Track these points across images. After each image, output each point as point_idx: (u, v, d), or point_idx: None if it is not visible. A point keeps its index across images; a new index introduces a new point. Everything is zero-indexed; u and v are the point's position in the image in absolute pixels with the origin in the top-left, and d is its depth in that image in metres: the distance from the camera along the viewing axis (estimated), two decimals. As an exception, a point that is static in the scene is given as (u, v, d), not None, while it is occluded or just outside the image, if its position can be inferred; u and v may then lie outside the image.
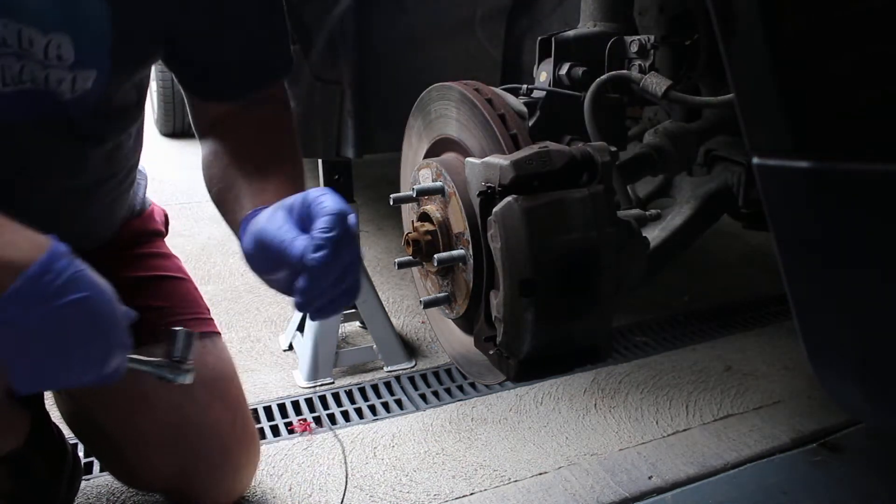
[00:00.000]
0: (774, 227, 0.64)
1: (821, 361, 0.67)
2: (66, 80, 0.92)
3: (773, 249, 0.65)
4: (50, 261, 0.77)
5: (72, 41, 0.89)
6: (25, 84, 0.90)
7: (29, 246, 0.77)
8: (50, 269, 0.76)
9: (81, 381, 0.83)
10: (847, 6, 0.54)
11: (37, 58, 0.88)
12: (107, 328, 0.81)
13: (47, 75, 0.90)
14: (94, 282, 0.80)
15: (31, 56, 0.88)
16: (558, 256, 0.77)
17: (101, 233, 1.18)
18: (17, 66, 0.89)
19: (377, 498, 1.30)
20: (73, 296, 0.77)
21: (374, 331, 1.77)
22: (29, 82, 0.90)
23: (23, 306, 0.75)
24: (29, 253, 0.76)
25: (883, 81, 0.54)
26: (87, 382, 0.83)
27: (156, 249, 1.26)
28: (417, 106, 1.02)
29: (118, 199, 1.18)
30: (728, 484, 1.34)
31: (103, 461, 1.29)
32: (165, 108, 4.53)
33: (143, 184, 1.31)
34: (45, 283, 0.76)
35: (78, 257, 0.80)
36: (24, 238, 0.78)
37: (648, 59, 1.09)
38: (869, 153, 0.55)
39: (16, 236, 0.78)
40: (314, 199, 0.81)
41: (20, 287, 0.74)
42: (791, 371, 1.72)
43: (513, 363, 0.84)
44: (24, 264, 0.75)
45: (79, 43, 0.90)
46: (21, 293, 0.75)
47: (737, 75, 0.61)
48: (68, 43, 0.89)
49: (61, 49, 0.89)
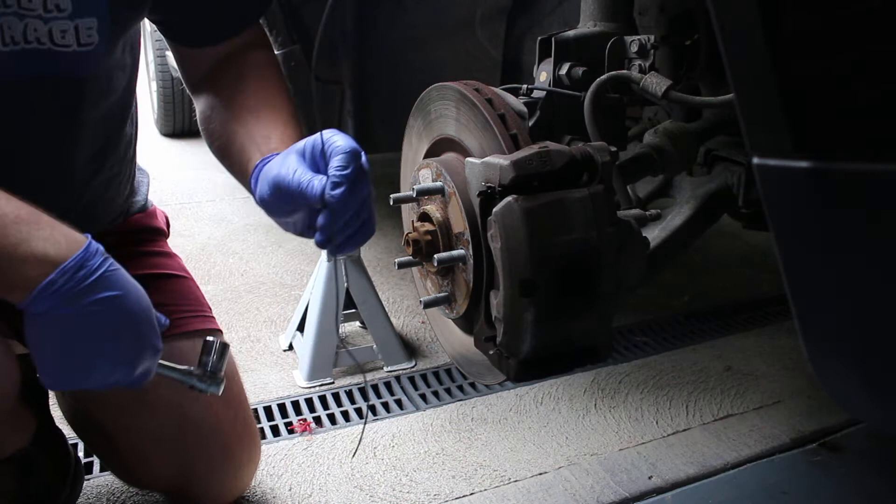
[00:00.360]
0: (774, 227, 0.64)
1: (821, 361, 0.67)
2: (70, 31, 0.93)
3: (773, 249, 0.65)
4: (85, 257, 0.78)
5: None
6: (31, 44, 0.92)
7: (66, 241, 0.79)
8: (84, 265, 0.78)
9: (110, 381, 0.84)
10: (847, 6, 0.54)
11: (37, 12, 0.90)
12: (138, 328, 0.83)
13: (50, 29, 0.92)
14: (128, 281, 0.82)
15: (31, 12, 0.90)
16: (558, 256, 0.77)
17: (99, 215, 1.18)
18: (20, 26, 0.90)
19: (377, 498, 1.30)
20: (107, 293, 0.79)
21: (374, 331, 1.77)
22: (34, 42, 0.92)
23: (56, 299, 0.76)
24: (66, 248, 0.78)
25: (883, 81, 0.54)
26: (115, 383, 0.84)
27: (158, 248, 1.27)
28: (417, 106, 1.01)
29: (116, 178, 1.17)
30: (728, 484, 1.34)
31: (104, 460, 1.29)
32: (165, 108, 4.52)
33: (146, 182, 1.32)
34: (79, 278, 0.77)
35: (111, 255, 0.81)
36: (61, 234, 0.79)
37: (648, 59, 1.09)
38: (869, 153, 0.55)
39: (54, 231, 0.79)
40: (327, 139, 0.86)
41: (54, 279, 0.76)
42: (791, 371, 1.72)
43: (513, 363, 0.84)
44: (60, 259, 0.77)
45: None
46: (55, 286, 0.76)
47: (737, 75, 0.61)
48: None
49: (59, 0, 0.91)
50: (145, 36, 4.39)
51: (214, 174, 3.79)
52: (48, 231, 0.78)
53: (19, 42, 0.91)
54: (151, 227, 1.28)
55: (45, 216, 0.80)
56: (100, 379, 0.83)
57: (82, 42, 0.95)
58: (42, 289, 0.76)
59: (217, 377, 0.97)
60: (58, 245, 0.78)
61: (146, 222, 1.27)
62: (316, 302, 1.72)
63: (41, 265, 0.76)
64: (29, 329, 0.79)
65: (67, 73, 0.97)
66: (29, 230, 0.77)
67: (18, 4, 0.89)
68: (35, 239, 0.77)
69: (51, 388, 0.85)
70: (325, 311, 1.71)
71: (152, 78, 4.51)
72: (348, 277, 1.74)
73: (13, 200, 0.79)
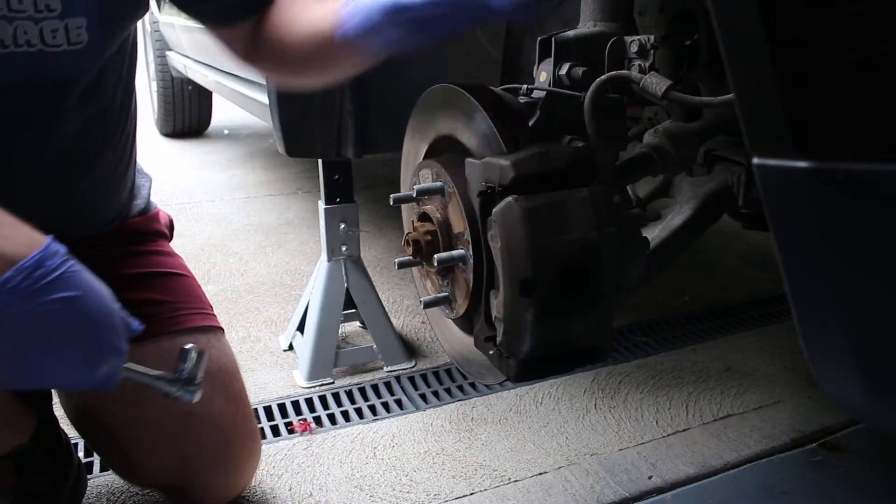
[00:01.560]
0: (774, 227, 0.64)
1: (821, 361, 0.67)
2: (60, 30, 0.94)
3: (773, 249, 0.65)
4: (43, 257, 0.77)
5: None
6: (21, 47, 0.92)
7: (26, 241, 0.78)
8: (42, 265, 0.77)
9: (69, 382, 0.83)
10: (847, 6, 0.54)
11: (28, 13, 0.90)
12: (96, 330, 0.81)
13: (41, 29, 0.92)
14: (87, 282, 0.81)
15: (22, 13, 0.90)
16: (558, 256, 0.77)
17: (96, 216, 1.18)
18: (10, 29, 0.91)
19: (377, 498, 1.30)
20: (63, 294, 0.78)
21: (374, 331, 1.77)
22: (24, 45, 0.92)
23: (11, 298, 0.76)
24: (25, 248, 0.77)
25: (883, 81, 0.54)
26: (77, 385, 0.83)
27: (159, 248, 1.27)
28: (417, 106, 1.02)
29: (112, 179, 1.17)
30: (728, 484, 1.34)
31: (104, 456, 1.29)
32: (165, 108, 4.53)
33: (147, 185, 1.32)
34: (36, 277, 0.76)
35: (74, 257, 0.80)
36: (21, 234, 0.79)
37: (648, 59, 1.09)
38: (869, 153, 0.55)
39: (14, 231, 0.78)
40: None
41: (10, 278, 0.75)
42: (791, 371, 1.72)
43: (513, 363, 0.84)
44: (17, 258, 0.76)
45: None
46: (10, 284, 0.75)
47: (737, 75, 0.61)
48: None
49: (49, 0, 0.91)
50: (145, 36, 4.39)
51: (214, 174, 3.79)
52: (8, 230, 0.78)
53: (9, 45, 0.91)
54: (152, 230, 1.28)
55: (7, 217, 0.79)
56: (56, 380, 0.82)
57: (72, 41, 0.95)
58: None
59: (192, 384, 0.96)
60: (17, 244, 0.77)
61: (146, 226, 1.27)
62: (316, 302, 1.72)
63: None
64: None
65: (58, 74, 0.97)
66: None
67: (8, 7, 0.89)
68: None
69: (12, 386, 0.84)
70: (325, 311, 1.71)
71: (152, 78, 4.51)
72: (348, 277, 1.74)
73: None
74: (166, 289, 1.20)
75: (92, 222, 1.17)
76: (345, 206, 1.73)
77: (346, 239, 1.73)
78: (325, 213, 1.71)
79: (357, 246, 1.75)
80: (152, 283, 1.20)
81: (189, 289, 1.24)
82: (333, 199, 1.73)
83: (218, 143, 4.63)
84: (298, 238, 2.73)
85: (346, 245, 1.73)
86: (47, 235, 0.80)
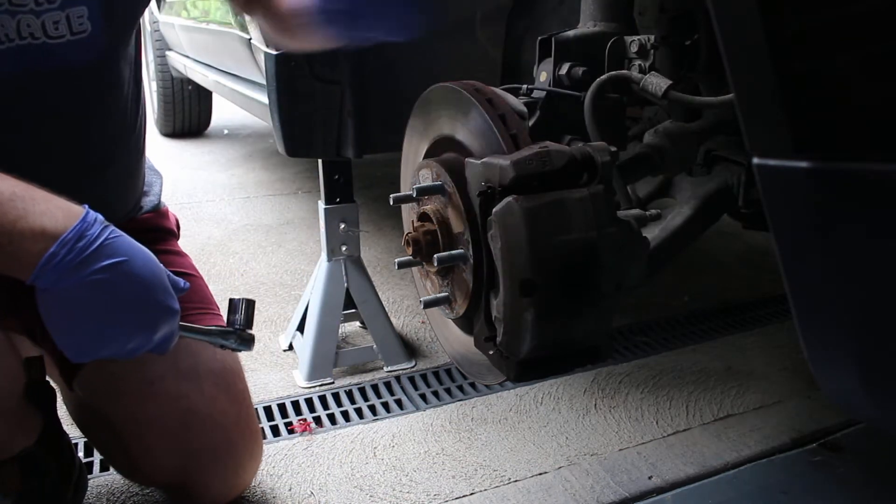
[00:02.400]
0: (774, 227, 0.64)
1: (821, 361, 0.67)
2: (62, 21, 0.94)
3: (773, 249, 0.65)
4: (83, 227, 0.78)
5: None
6: (25, 40, 0.92)
7: (63, 214, 0.79)
8: (84, 235, 0.78)
9: (129, 348, 0.83)
10: (847, 6, 0.54)
11: (28, 7, 0.91)
12: (149, 292, 0.82)
13: (43, 22, 0.93)
14: (131, 246, 0.82)
15: (23, 7, 0.91)
16: (558, 256, 0.77)
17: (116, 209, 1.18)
18: (13, 23, 0.91)
19: (377, 498, 1.30)
20: (110, 260, 0.79)
21: (374, 331, 1.77)
22: (28, 37, 0.92)
23: (60, 272, 0.76)
24: (63, 221, 0.78)
25: (883, 81, 0.54)
26: (136, 350, 0.83)
27: (169, 247, 1.28)
28: (418, 106, 1.01)
29: (126, 171, 1.18)
30: (728, 484, 1.34)
31: (106, 455, 1.29)
32: (165, 108, 4.53)
33: (159, 182, 1.33)
34: (80, 248, 0.77)
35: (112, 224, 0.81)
36: (57, 206, 0.79)
37: (648, 59, 1.09)
38: (869, 153, 0.55)
39: (49, 205, 0.79)
40: None
41: (55, 252, 0.76)
42: (791, 371, 1.72)
43: (513, 363, 0.84)
44: (58, 231, 0.77)
45: None
46: (56, 259, 0.76)
47: (737, 75, 0.61)
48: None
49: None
50: (145, 36, 4.39)
51: (214, 174, 3.79)
52: (44, 205, 0.78)
53: (14, 39, 0.92)
54: (162, 227, 1.29)
55: (39, 191, 0.80)
56: (117, 347, 0.82)
57: (74, 31, 0.96)
58: (44, 263, 0.76)
59: (245, 334, 0.97)
60: (55, 218, 0.78)
61: (157, 222, 1.28)
62: (316, 302, 1.72)
63: (41, 239, 0.76)
64: (40, 305, 0.79)
65: (63, 64, 0.97)
66: (25, 206, 0.77)
67: (10, 2, 0.90)
68: (32, 214, 0.77)
69: (72, 360, 0.84)
70: (325, 311, 1.71)
71: (152, 78, 4.51)
72: (348, 277, 1.74)
73: (6, 178, 0.78)
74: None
75: (110, 215, 1.18)
76: (345, 206, 1.73)
77: (346, 239, 1.73)
78: (325, 213, 1.71)
79: (357, 246, 1.75)
80: None
81: (197, 289, 1.25)
82: (333, 199, 1.73)
83: (218, 143, 4.63)
84: (298, 238, 2.73)
85: (346, 245, 1.73)
86: (82, 204, 0.81)
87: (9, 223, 0.76)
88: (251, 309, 0.97)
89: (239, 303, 0.97)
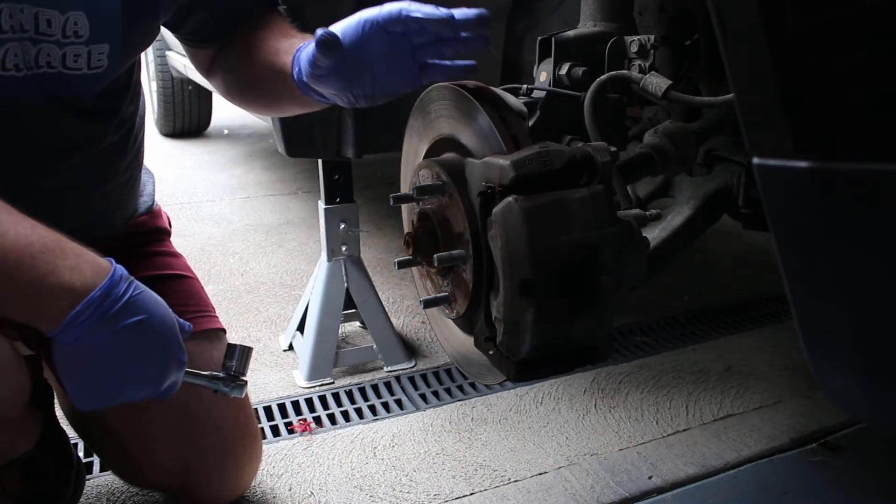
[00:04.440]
0: (774, 227, 0.64)
1: (821, 361, 0.67)
2: (83, 56, 0.95)
3: (773, 249, 0.65)
4: (110, 285, 0.80)
5: (87, 17, 0.93)
6: (41, 68, 0.93)
7: (91, 270, 0.80)
8: (110, 294, 0.80)
9: (137, 398, 0.87)
10: (847, 6, 0.54)
11: (55, 38, 0.92)
12: (164, 347, 0.85)
13: (65, 53, 0.94)
14: (152, 302, 0.84)
15: (48, 37, 0.91)
16: (558, 256, 0.77)
17: (115, 220, 1.19)
18: (34, 51, 0.92)
19: (377, 498, 1.30)
20: (132, 318, 0.81)
21: (374, 331, 1.77)
22: (45, 66, 0.93)
23: (84, 329, 0.79)
24: (91, 278, 0.80)
25: (883, 81, 0.54)
26: (142, 399, 0.87)
27: (164, 248, 1.29)
28: (417, 106, 1.01)
29: (129, 182, 1.19)
30: (728, 484, 1.34)
31: (105, 458, 1.29)
32: (165, 108, 4.53)
33: (151, 182, 1.33)
34: (106, 307, 0.79)
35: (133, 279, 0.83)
36: (86, 262, 0.81)
37: (648, 59, 1.09)
38: (869, 153, 0.55)
39: (79, 261, 0.80)
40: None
41: (81, 311, 0.78)
42: (791, 371, 1.72)
43: (513, 363, 0.83)
44: (86, 290, 0.79)
45: (93, 17, 0.93)
46: (83, 317, 0.78)
47: (736, 75, 0.61)
48: (83, 18, 0.93)
49: (77, 25, 0.93)
50: (145, 36, 4.38)
51: (214, 174, 3.79)
52: (73, 260, 0.80)
53: (32, 67, 0.92)
54: (158, 227, 1.30)
55: (69, 243, 0.81)
56: (127, 398, 0.86)
57: (92, 66, 0.97)
58: (70, 320, 0.78)
59: (239, 380, 1.01)
60: (83, 275, 0.79)
61: (153, 223, 1.29)
62: (316, 302, 1.72)
63: (68, 296, 0.78)
64: (57, 356, 0.81)
65: (75, 92, 0.99)
66: (55, 260, 0.78)
67: (36, 30, 0.90)
68: (61, 269, 0.78)
69: (80, 408, 0.87)
70: (325, 311, 1.71)
71: (152, 78, 4.51)
72: (348, 277, 1.74)
73: (39, 227, 0.80)
74: (171, 292, 1.20)
75: (112, 225, 1.19)
76: (345, 206, 1.73)
77: (346, 239, 1.73)
78: (325, 213, 1.71)
79: (357, 246, 1.75)
80: (158, 286, 1.20)
81: (193, 291, 1.26)
82: (333, 199, 1.73)
83: (218, 143, 4.63)
84: (298, 238, 2.73)
85: (346, 245, 1.73)
86: (108, 258, 0.82)
87: (38, 277, 0.77)
88: (247, 356, 1.02)
89: (236, 349, 1.01)
